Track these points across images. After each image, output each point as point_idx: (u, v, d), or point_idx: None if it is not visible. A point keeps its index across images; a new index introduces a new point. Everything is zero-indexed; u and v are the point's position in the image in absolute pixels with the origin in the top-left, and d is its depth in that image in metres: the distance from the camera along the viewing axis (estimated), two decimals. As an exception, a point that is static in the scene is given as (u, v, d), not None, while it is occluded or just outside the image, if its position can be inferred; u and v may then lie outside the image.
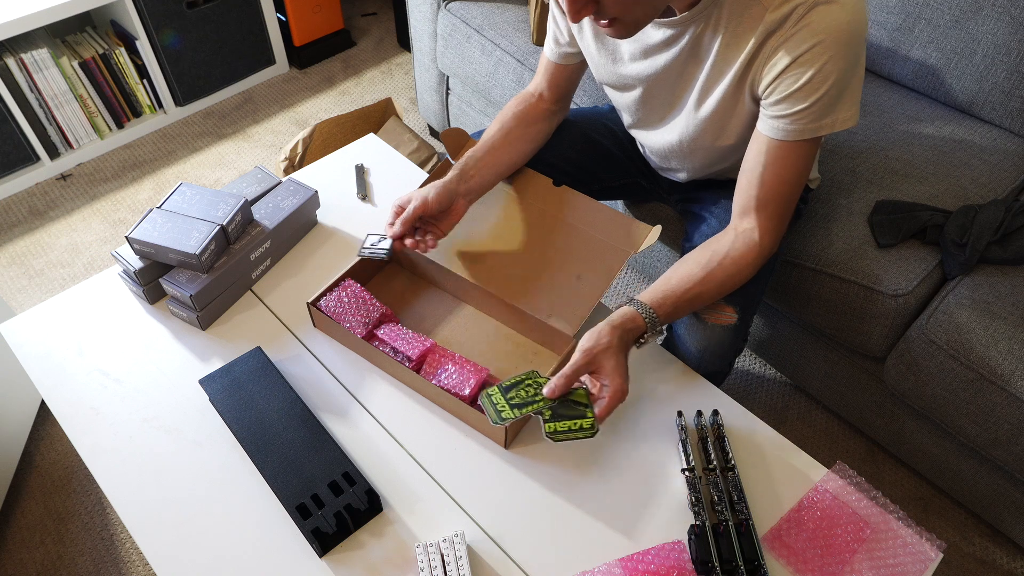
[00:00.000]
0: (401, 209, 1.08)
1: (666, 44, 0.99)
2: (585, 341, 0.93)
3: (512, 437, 1.00)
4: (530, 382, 0.95)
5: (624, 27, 0.90)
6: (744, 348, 1.41)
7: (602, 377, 0.93)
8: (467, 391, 1.00)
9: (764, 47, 0.90)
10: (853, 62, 0.89)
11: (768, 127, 0.94)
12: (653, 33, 0.99)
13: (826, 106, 0.90)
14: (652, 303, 0.97)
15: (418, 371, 1.05)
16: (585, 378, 0.96)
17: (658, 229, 1.10)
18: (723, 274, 0.99)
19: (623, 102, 1.15)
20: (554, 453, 0.99)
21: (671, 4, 0.93)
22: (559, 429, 0.90)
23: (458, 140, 1.24)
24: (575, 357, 0.92)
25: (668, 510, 0.94)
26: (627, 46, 1.05)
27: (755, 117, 0.98)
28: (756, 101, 0.97)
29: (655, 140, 1.17)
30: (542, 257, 1.15)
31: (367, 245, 1.11)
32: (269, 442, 0.96)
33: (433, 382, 1.02)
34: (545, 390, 0.93)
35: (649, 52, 1.02)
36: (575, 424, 0.91)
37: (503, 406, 0.93)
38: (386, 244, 1.09)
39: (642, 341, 0.97)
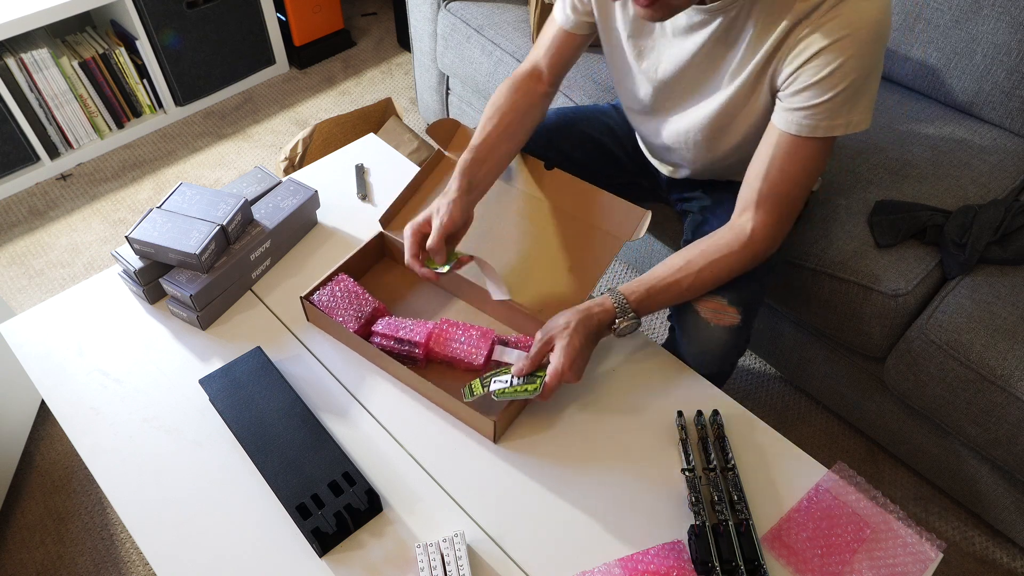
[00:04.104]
0: (420, 234, 1.03)
1: (697, 27, 0.98)
2: (546, 325, 0.98)
3: (501, 432, 1.01)
4: (505, 372, 1.00)
5: (664, 9, 0.88)
6: (746, 349, 1.41)
7: (552, 356, 0.96)
8: (480, 360, 1.05)
9: (791, 35, 0.90)
10: (875, 62, 0.89)
11: (783, 120, 0.94)
12: (685, 16, 0.98)
13: (843, 102, 0.89)
14: (625, 290, 1.00)
15: (427, 355, 1.07)
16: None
17: (648, 215, 1.11)
18: (703, 261, 0.99)
19: (639, 85, 1.13)
20: (554, 453, 0.99)
21: None
22: (505, 390, 0.96)
23: (448, 130, 1.24)
24: (535, 337, 0.97)
25: (668, 510, 0.94)
26: (657, 27, 1.03)
27: (767, 115, 0.98)
28: (774, 93, 0.97)
29: (662, 129, 1.15)
30: (534, 249, 1.15)
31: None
32: (269, 442, 0.96)
33: (449, 355, 1.06)
34: (513, 369, 0.97)
35: (678, 34, 1.01)
36: (521, 387, 0.96)
37: (476, 386, 1.00)
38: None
39: (615, 327, 0.99)
